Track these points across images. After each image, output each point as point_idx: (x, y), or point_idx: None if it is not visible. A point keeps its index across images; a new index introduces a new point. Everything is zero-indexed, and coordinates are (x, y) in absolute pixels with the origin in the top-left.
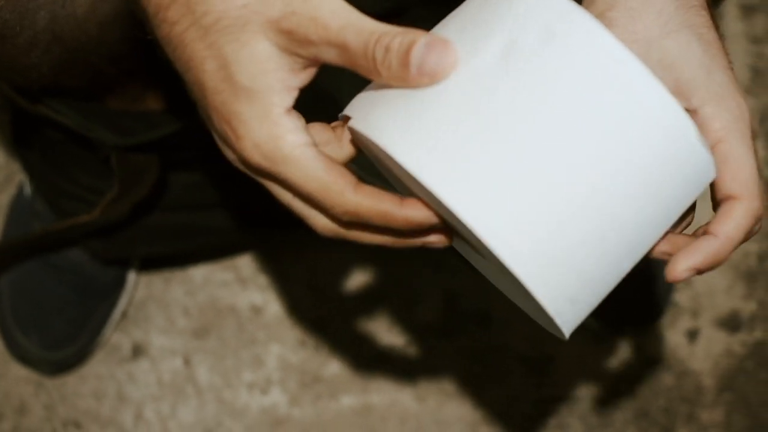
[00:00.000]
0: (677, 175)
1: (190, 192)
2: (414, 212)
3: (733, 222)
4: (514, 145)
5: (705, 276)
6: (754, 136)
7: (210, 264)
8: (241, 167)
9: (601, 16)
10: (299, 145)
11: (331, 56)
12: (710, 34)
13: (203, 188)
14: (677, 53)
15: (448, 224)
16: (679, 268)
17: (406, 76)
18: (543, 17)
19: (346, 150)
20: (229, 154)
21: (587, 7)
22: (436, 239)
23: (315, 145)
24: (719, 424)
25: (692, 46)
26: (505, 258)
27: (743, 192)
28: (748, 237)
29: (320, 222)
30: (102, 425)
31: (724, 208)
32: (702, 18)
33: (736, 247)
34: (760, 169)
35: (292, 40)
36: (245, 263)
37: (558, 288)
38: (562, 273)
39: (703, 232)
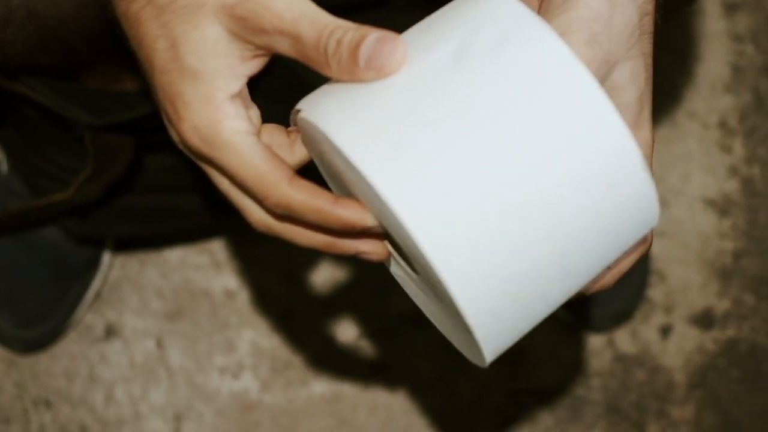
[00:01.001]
0: (617, 198)
1: (165, 174)
2: (348, 211)
3: (627, 260)
4: (452, 142)
5: (679, 273)
6: (650, 166)
7: (185, 247)
8: (183, 149)
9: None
10: (238, 132)
11: (283, 46)
12: (651, 64)
13: (178, 171)
14: (627, 78)
15: (386, 233)
16: None
17: (354, 70)
18: (500, 23)
19: (297, 156)
20: (174, 135)
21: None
22: (370, 248)
23: (256, 134)
24: (689, 421)
25: (640, 75)
26: (427, 251)
27: None
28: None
29: (255, 214)
30: (73, 405)
31: None
32: (651, 46)
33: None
34: (737, 169)
35: (245, 27)
36: (220, 247)
37: (480, 295)
38: (485, 278)
39: None
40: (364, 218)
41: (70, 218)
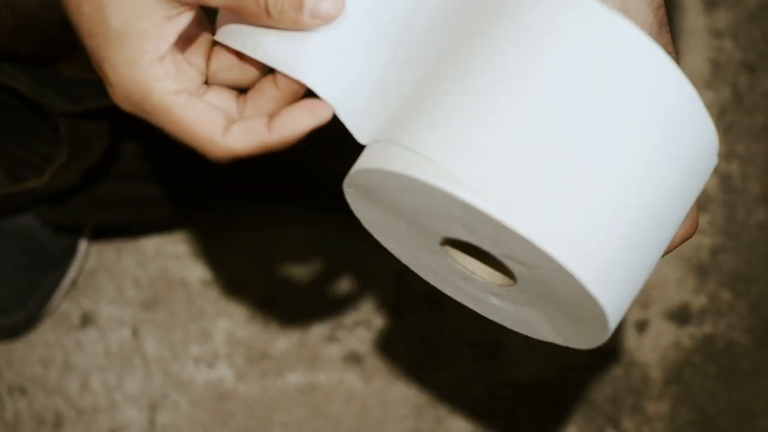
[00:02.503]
0: (687, 136)
1: (141, 162)
2: (285, 129)
3: (679, 232)
4: (553, 148)
5: (656, 268)
6: None
7: (162, 236)
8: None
9: None
10: (167, 93)
11: None
12: (673, 52)
13: (155, 159)
14: None
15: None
16: None
17: (298, 19)
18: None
19: (251, 73)
20: (112, 99)
21: None
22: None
23: (187, 91)
24: (664, 417)
25: None
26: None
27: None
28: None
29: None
30: (48, 392)
31: None
32: (669, 36)
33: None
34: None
35: None
36: (197, 236)
37: (594, 259)
38: (599, 241)
39: None
40: (303, 127)
41: (46, 205)
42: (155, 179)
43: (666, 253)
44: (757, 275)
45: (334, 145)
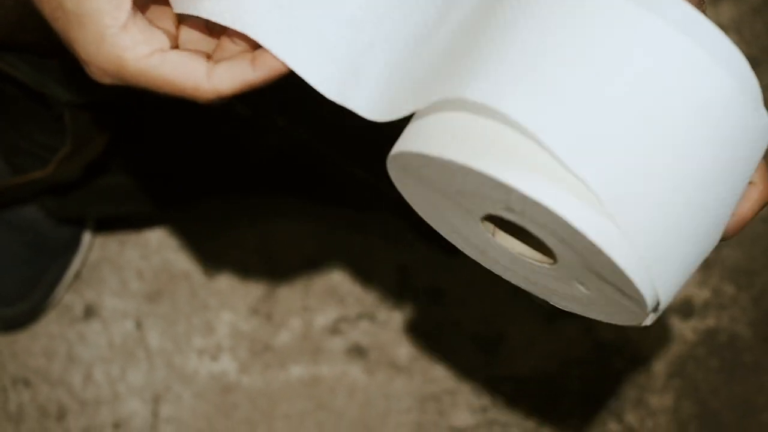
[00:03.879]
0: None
1: (143, 154)
2: (266, 67)
3: (748, 203)
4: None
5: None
6: None
7: (165, 228)
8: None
9: None
10: (141, 58)
11: None
12: None
13: (157, 151)
14: None
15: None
16: None
17: None
18: None
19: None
20: (90, 76)
21: None
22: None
23: (160, 50)
24: (668, 410)
25: None
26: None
27: (759, 177)
28: (752, 218)
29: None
30: (51, 384)
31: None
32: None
33: (743, 227)
34: None
35: None
36: (201, 229)
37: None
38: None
39: None
40: (281, 67)
41: (50, 197)
42: (157, 172)
43: (741, 228)
44: (759, 269)
45: (338, 137)
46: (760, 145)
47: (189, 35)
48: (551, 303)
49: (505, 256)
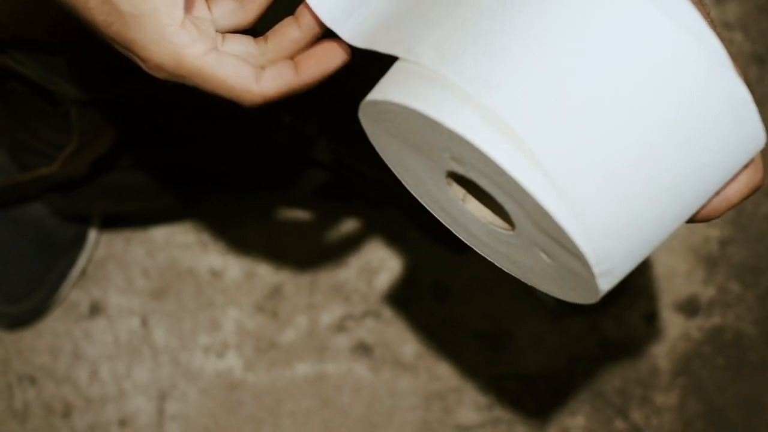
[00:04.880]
0: (716, 112)
1: (149, 152)
2: (313, 70)
3: (736, 185)
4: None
5: (665, 259)
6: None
7: (171, 226)
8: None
9: None
10: (198, 57)
11: None
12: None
13: (163, 148)
14: None
15: (460, 178)
16: None
17: None
18: None
19: (250, 14)
20: (146, 71)
21: None
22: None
23: (215, 48)
24: (673, 408)
25: None
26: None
27: (753, 162)
28: (740, 202)
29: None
30: (57, 381)
31: None
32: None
33: (729, 209)
34: None
35: None
36: (206, 226)
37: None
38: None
39: None
40: (327, 68)
41: (55, 194)
42: (163, 169)
43: (725, 209)
44: (765, 267)
45: (344, 134)
46: (731, 113)
47: (221, 10)
48: (530, 284)
49: (475, 225)
